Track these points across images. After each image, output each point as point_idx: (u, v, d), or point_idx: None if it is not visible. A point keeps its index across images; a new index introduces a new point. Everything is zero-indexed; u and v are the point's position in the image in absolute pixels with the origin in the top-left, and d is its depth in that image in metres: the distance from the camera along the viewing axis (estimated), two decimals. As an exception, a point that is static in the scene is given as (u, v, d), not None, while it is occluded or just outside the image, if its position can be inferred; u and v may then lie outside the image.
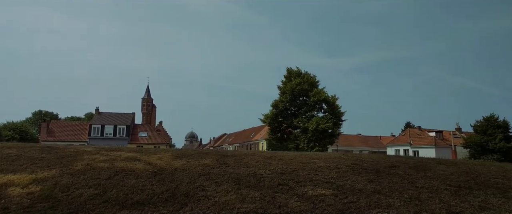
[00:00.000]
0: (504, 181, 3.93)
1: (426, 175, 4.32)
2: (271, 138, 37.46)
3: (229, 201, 3.50)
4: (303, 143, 33.63)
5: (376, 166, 4.85)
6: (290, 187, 3.96)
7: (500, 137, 32.99)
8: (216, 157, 5.77)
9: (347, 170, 4.60)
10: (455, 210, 3.17)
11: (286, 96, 34.38)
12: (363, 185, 3.89)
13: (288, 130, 36.89)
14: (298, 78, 34.14)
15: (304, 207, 3.24)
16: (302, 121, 34.20)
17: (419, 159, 5.57)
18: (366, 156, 6.00)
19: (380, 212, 3.16)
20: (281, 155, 6.21)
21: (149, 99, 74.87)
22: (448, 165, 4.80)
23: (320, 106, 35.13)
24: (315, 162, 5.23)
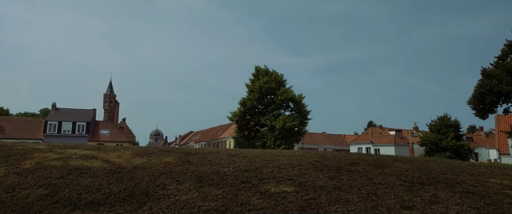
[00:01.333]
0: (452, 176, 4.18)
1: (383, 171, 4.50)
2: (238, 136, 37.48)
3: (190, 199, 3.43)
4: (270, 141, 33.99)
5: (337, 163, 4.98)
6: (253, 184, 3.95)
7: (452, 135, 35.37)
8: (179, 155, 5.65)
9: (310, 167, 4.69)
10: (408, 204, 3.31)
11: (254, 94, 34.54)
12: (324, 182, 3.97)
13: (255, 128, 37.10)
14: (266, 77, 34.43)
15: (266, 204, 3.24)
16: (269, 119, 34.53)
17: (378, 156, 5.81)
18: (329, 153, 6.15)
19: (339, 208, 3.24)
20: (246, 152, 6.21)
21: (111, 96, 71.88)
22: (404, 162, 5.04)
23: (287, 105, 35.68)
24: (278, 159, 5.27)
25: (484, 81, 24.55)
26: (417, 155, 38.79)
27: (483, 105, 24.85)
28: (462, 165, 5.01)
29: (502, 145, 35.24)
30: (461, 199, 3.43)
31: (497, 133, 36.36)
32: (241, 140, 38.91)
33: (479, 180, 4.03)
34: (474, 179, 4.10)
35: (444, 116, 36.90)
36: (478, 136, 54.73)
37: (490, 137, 50.02)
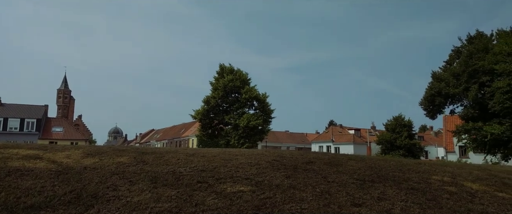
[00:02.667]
0: (400, 174, 4.41)
1: (337, 170, 4.64)
2: (202, 135, 37.03)
3: (142, 200, 3.31)
4: (234, 139, 33.97)
5: (294, 162, 5.07)
6: (210, 184, 3.91)
7: (405, 134, 37.62)
8: (134, 154, 5.44)
9: (267, 166, 4.73)
10: (358, 202, 3.44)
11: (218, 92, 34.29)
12: (281, 181, 4.02)
13: (219, 126, 36.86)
14: (230, 75, 34.32)
15: (221, 204, 3.22)
16: (233, 118, 34.48)
17: (333, 155, 5.99)
18: (287, 152, 6.25)
19: (293, 206, 3.29)
20: (205, 152, 6.14)
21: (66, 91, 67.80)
22: (357, 160, 5.24)
23: (252, 103, 35.84)
24: (237, 158, 5.26)
25: (433, 84, 26.34)
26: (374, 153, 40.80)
27: (433, 107, 26.65)
28: (409, 163, 5.32)
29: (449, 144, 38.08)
30: (406, 196, 3.63)
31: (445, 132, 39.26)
32: (205, 139, 38.52)
33: (423, 177, 4.30)
34: (419, 176, 4.37)
35: (399, 116, 39.14)
36: (428, 135, 58.69)
37: (439, 136, 53.84)
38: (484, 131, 21.62)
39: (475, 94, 23.00)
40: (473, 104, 23.90)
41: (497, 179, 4.34)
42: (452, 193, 3.75)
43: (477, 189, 3.87)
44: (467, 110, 24.54)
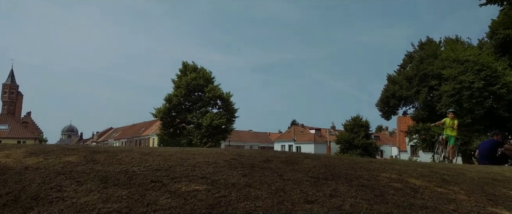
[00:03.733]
0: (352, 172, 4.59)
1: (294, 168, 4.73)
2: (163, 133, 36.17)
3: (89, 201, 3.15)
4: (197, 138, 33.54)
5: (252, 160, 5.09)
6: (164, 183, 3.81)
7: (363, 134, 39.46)
8: (84, 153, 5.16)
9: (225, 165, 4.71)
10: (311, 198, 3.53)
11: (180, 90, 33.69)
12: (237, 179, 4.02)
13: (181, 125, 36.18)
14: (194, 73, 33.87)
15: (174, 203, 3.15)
16: (196, 116, 34.02)
17: (291, 153, 6.11)
18: (246, 151, 6.28)
19: (247, 204, 3.30)
20: (161, 150, 5.98)
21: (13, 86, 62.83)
22: (313, 159, 5.38)
23: (215, 102, 35.63)
24: (195, 157, 5.19)
25: (388, 87, 27.96)
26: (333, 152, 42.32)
27: (388, 108, 28.29)
28: (361, 161, 5.56)
29: (402, 143, 40.53)
30: (356, 192, 3.77)
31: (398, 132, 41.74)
32: (166, 138, 37.68)
33: (373, 175, 4.50)
34: (369, 174, 4.57)
35: (357, 117, 40.97)
36: (384, 135, 61.96)
37: (393, 136, 57.05)
38: (432, 131, 23.28)
39: (425, 97, 24.73)
40: (423, 106, 25.67)
41: (437, 175, 4.67)
42: (397, 189, 3.97)
43: (419, 185, 4.14)
44: (418, 111, 26.31)
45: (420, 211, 3.33)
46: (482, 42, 26.63)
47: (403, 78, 26.60)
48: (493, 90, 20.95)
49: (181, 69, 35.00)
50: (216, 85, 34.95)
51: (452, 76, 22.34)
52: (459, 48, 24.37)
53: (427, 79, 24.50)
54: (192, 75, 33.17)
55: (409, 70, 27.01)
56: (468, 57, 22.54)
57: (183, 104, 34.74)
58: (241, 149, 7.31)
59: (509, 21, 16.56)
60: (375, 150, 39.83)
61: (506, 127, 22.39)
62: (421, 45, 27.74)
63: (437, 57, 24.72)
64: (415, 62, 26.47)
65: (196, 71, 34.22)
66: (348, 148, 38.66)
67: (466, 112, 21.87)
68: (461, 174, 4.96)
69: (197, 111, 33.99)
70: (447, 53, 24.18)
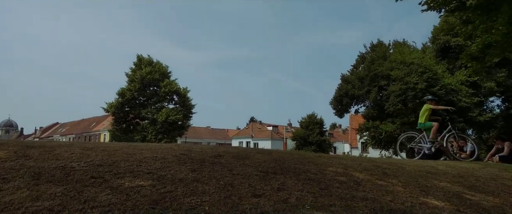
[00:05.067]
0: (300, 166, 4.68)
1: (244, 163, 4.72)
2: (115, 129, 34.55)
3: (16, 199, 2.88)
4: (151, 134, 32.47)
5: (203, 156, 5.01)
6: (105, 179, 3.60)
7: (317, 131, 40.81)
8: (15, 148, 4.73)
9: (173, 160, 4.57)
10: (259, 192, 3.53)
11: (134, 85, 32.36)
12: (185, 175, 3.91)
13: (135, 120, 34.79)
14: (149, 67, 32.68)
15: (115, 200, 2.98)
16: (151, 112, 32.90)
17: (243, 149, 6.11)
18: (197, 146, 6.17)
19: (194, 199, 3.22)
20: (106, 146, 5.67)
21: None
22: (264, 154, 5.42)
23: (171, 97, 34.71)
24: (142, 152, 4.99)
25: (342, 86, 29.19)
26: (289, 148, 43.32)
27: (341, 106, 29.53)
28: (310, 156, 5.71)
29: (353, 140, 42.58)
30: (303, 186, 3.85)
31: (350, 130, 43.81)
32: (118, 133, 36.05)
33: (320, 169, 4.63)
34: (317, 168, 4.70)
35: (312, 114, 42.26)
36: (337, 132, 64.67)
37: (346, 133, 59.76)
38: (380, 129, 24.74)
39: (375, 96, 26.16)
40: (373, 105, 27.15)
41: (379, 169, 4.92)
42: (342, 182, 4.11)
43: (362, 178, 4.32)
44: (368, 110, 27.77)
45: (360, 202, 3.49)
46: (425, 46, 28.76)
47: (356, 78, 27.91)
48: (433, 92, 22.72)
49: (135, 63, 33.57)
50: (173, 80, 34.07)
51: (399, 77, 23.87)
52: (405, 51, 26.09)
53: (377, 79, 25.94)
54: (147, 69, 31.97)
55: (361, 70, 28.40)
56: (413, 60, 24.22)
57: (137, 99, 33.40)
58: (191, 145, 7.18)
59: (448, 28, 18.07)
60: (329, 147, 41.43)
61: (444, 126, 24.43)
62: (373, 47, 29.29)
63: (386, 59, 26.25)
64: (366, 63, 27.89)
65: (151, 65, 33.03)
66: (304, 144, 39.79)
67: (410, 111, 23.49)
68: (400, 168, 5.30)
69: (152, 106, 32.88)
70: (395, 55, 25.78)
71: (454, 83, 23.53)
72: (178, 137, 34.87)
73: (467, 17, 8.43)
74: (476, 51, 8.91)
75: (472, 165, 6.43)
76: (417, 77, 23.10)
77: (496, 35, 8.14)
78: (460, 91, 23.53)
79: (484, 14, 7.69)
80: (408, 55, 25.04)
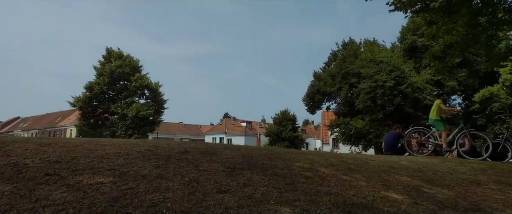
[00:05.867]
0: (268, 162, 4.69)
1: (211, 159, 4.66)
2: (82, 124, 33.22)
3: (-43, 200, 2.66)
4: (121, 130, 31.52)
5: (169, 152, 4.89)
6: (62, 176, 3.43)
7: (290, 127, 41.32)
8: (-39, 144, 4.40)
9: (138, 156, 4.43)
10: (224, 188, 3.49)
11: (103, 78, 31.21)
12: (149, 171, 3.80)
13: (104, 115, 33.63)
14: (119, 61, 31.60)
15: (71, 198, 2.83)
16: (121, 107, 31.92)
17: (211, 145, 6.04)
18: (163, 142, 6.03)
19: (156, 196, 3.12)
20: (66, 141, 5.41)
21: None
22: (233, 150, 5.39)
23: (142, 92, 33.83)
24: (104, 148, 4.80)
25: (314, 83, 29.69)
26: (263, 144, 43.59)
27: (313, 103, 30.04)
28: (278, 152, 5.74)
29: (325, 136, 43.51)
30: (269, 181, 3.84)
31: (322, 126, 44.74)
32: (86, 129, 34.69)
33: (287, 164, 4.66)
34: (284, 163, 4.72)
35: (285, 111, 42.69)
36: (310, 128, 65.83)
37: (318, 129, 60.97)
38: (351, 125, 25.41)
39: (346, 93, 26.82)
40: (344, 102, 27.82)
41: (345, 164, 5.02)
42: (307, 177, 4.15)
43: (328, 173, 4.39)
44: (339, 106, 28.44)
45: (324, 197, 3.54)
46: (394, 45, 29.81)
47: (328, 76, 28.47)
48: (401, 90, 23.62)
49: (104, 56, 32.32)
50: (144, 74, 33.14)
51: (369, 75, 24.59)
52: (375, 50, 26.91)
53: (348, 77, 26.59)
54: (117, 63, 30.88)
55: (333, 68, 29.00)
56: (383, 59, 25.03)
57: (106, 94, 32.22)
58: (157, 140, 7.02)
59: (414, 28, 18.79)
60: (301, 143, 42.10)
61: (410, 122, 25.51)
62: (344, 45, 29.97)
63: (357, 57, 26.95)
64: (338, 61, 28.52)
65: (121, 58, 31.93)
66: (277, 140, 40.16)
67: (379, 108, 24.30)
68: (365, 163, 5.45)
69: (122, 101, 31.85)
70: (365, 54, 26.52)
71: (419, 82, 24.57)
72: (149, 132, 34.04)
73: (431, 18, 8.78)
74: (438, 51, 9.32)
75: (431, 160, 6.74)
76: (386, 76, 23.90)
77: (457, 36, 8.56)
78: (425, 90, 24.62)
79: (446, 15, 8.05)
80: (378, 54, 25.85)
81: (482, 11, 7.96)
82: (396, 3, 8.17)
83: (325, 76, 28.58)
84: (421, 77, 25.00)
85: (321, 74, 29.41)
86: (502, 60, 10.70)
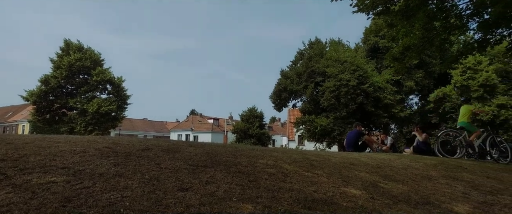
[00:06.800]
0: (232, 159, 4.67)
1: (174, 156, 4.56)
2: (36, 120, 31.19)
3: None
4: (80, 126, 30.05)
5: (130, 149, 4.72)
6: (7, 176, 3.19)
7: (257, 124, 41.56)
8: None
9: (95, 153, 4.23)
10: (186, 186, 3.42)
11: (61, 72, 29.52)
12: (107, 169, 3.64)
13: (61, 111, 31.85)
14: (78, 53, 30.00)
15: (17, 198, 2.64)
16: (80, 102, 30.42)
17: (174, 142, 5.91)
18: (124, 139, 5.81)
19: (113, 195, 2.99)
20: (13, 138, 5.05)
21: None
22: (197, 147, 5.31)
23: (104, 87, 32.44)
24: (58, 146, 4.54)
25: (281, 81, 30.05)
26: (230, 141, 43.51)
27: (280, 100, 30.41)
28: (243, 149, 5.74)
29: (291, 133, 44.27)
30: (232, 178, 3.83)
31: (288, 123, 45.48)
32: (40, 124, 32.66)
33: (251, 162, 4.67)
34: (248, 160, 4.72)
35: (252, 108, 42.86)
36: (277, 125, 66.67)
37: (284, 127, 61.90)
38: (315, 122, 26.05)
39: (311, 91, 27.43)
40: (310, 100, 28.45)
41: (308, 161, 5.12)
42: (270, 174, 4.18)
43: (290, 170, 4.45)
44: (305, 104, 29.03)
45: (286, 193, 3.59)
46: (357, 46, 30.92)
47: (294, 74, 28.94)
48: (363, 89, 24.57)
49: (62, 48, 30.48)
50: (106, 68, 31.72)
51: (334, 74, 25.33)
52: (340, 50, 27.75)
53: (314, 75, 27.21)
54: (77, 56, 29.27)
55: (299, 66, 29.51)
56: (347, 59, 25.87)
57: (64, 88, 30.49)
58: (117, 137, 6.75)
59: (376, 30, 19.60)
60: (268, 139, 42.49)
61: (371, 120, 26.66)
62: (311, 45, 30.60)
63: (323, 56, 27.64)
64: (304, 59, 29.08)
65: (81, 51, 30.30)
66: (244, 137, 40.24)
67: (343, 106, 25.11)
68: (327, 160, 5.60)
69: (82, 96, 30.31)
70: (330, 53, 27.27)
71: (381, 82, 25.71)
72: (111, 129, 32.69)
73: (391, 21, 9.20)
74: (397, 53, 9.81)
75: (389, 156, 7.08)
76: (349, 75, 24.74)
77: (414, 39, 9.05)
78: (386, 89, 25.81)
79: (404, 19, 8.48)
80: (342, 54, 26.68)
81: (436, 16, 8.48)
82: (359, 5, 8.47)
83: (292, 75, 29.03)
84: (382, 77, 26.16)
85: (288, 73, 29.84)
86: (453, 63, 11.47)
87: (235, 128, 42.17)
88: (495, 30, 8.72)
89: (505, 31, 8.75)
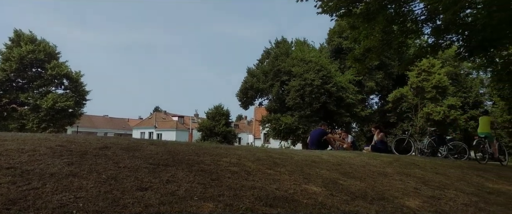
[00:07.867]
0: (195, 157, 4.60)
1: (134, 155, 4.40)
2: (-19, 116, 28.78)
3: None
4: (33, 123, 28.18)
5: (86, 147, 4.49)
6: None
7: (223, 122, 41.38)
8: None
9: (47, 152, 3.97)
10: (146, 185, 3.31)
11: (10, 64, 27.46)
12: (59, 169, 3.43)
13: (10, 106, 29.63)
14: (31, 45, 28.04)
15: (-49, 203, 2.41)
16: (33, 97, 28.52)
17: (134, 140, 5.71)
18: (79, 137, 5.52)
19: (65, 196, 2.83)
20: (-49, 136, 4.62)
21: None
22: (158, 145, 5.17)
23: (60, 82, 30.63)
24: (4, 144, 4.21)
25: (248, 79, 30.14)
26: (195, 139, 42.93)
27: (246, 98, 30.50)
28: (206, 147, 5.68)
29: (257, 131, 44.59)
30: (194, 177, 3.77)
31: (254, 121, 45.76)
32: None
33: (214, 160, 4.63)
34: (211, 159, 4.68)
35: (219, 105, 42.61)
36: (243, 123, 66.77)
37: (250, 125, 62.17)
38: (281, 121, 26.44)
39: (277, 90, 27.78)
40: (275, 99, 28.80)
41: (271, 159, 5.17)
42: (233, 172, 4.17)
43: (254, 168, 4.47)
44: (271, 103, 29.35)
45: (248, 191, 3.59)
46: (322, 46, 31.77)
47: (261, 72, 29.14)
48: (327, 88, 25.31)
49: (12, 39, 28.29)
50: (62, 62, 29.92)
51: (299, 74, 25.83)
52: (305, 50, 28.35)
53: (280, 74, 27.58)
54: (29, 47, 27.30)
55: (266, 65, 29.77)
56: (312, 59, 26.49)
57: (13, 82, 28.35)
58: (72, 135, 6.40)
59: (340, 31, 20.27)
60: (234, 137, 42.45)
61: (334, 119, 27.54)
62: (277, 44, 30.96)
63: (288, 55, 28.08)
64: (271, 58, 29.38)
65: (34, 43, 28.31)
66: (209, 135, 39.89)
67: (307, 105, 25.69)
68: (289, 158, 5.69)
69: (35, 91, 28.39)
70: (296, 53, 27.78)
71: (343, 82, 26.63)
72: (68, 125, 30.97)
73: (353, 23, 9.56)
74: (359, 54, 10.22)
75: (349, 154, 7.35)
76: (314, 75, 25.36)
77: (374, 41, 9.47)
78: (348, 89, 26.77)
79: (366, 21, 8.85)
80: (308, 54, 27.27)
81: (394, 20, 8.93)
82: (323, 6, 8.69)
83: (258, 73, 29.23)
84: (345, 77, 27.10)
85: (255, 71, 30.00)
86: (410, 65, 12.15)
87: (200, 125, 41.67)
88: (446, 35, 9.40)
89: (454, 36, 9.45)
